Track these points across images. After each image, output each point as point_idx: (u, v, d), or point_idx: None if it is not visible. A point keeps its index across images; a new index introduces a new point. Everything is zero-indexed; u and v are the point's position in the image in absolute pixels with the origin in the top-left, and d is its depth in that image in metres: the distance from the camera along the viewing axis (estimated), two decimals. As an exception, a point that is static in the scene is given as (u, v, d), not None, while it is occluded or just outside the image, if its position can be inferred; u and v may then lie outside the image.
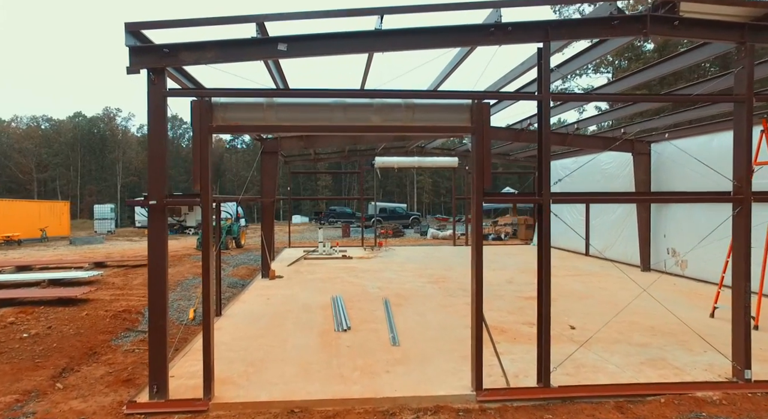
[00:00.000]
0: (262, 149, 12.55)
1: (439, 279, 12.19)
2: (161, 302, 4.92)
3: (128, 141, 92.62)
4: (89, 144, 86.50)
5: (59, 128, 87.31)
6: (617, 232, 15.00)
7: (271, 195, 12.55)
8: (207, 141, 4.85)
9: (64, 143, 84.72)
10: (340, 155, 20.69)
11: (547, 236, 5.27)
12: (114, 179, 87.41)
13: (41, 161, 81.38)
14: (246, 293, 10.59)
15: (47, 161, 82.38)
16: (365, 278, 12.45)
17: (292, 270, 13.84)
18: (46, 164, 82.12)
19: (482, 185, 5.12)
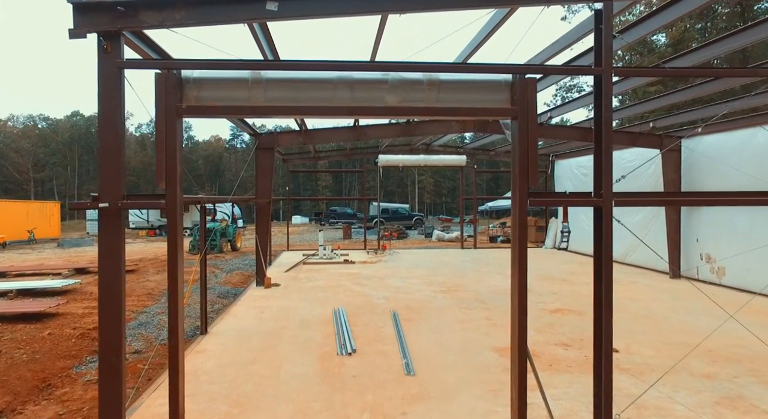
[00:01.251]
0: (256, 144, 11.46)
1: (451, 288, 11.09)
2: (115, 332, 3.82)
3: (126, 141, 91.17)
4: (87, 143, 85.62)
5: (56, 128, 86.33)
6: (641, 235, 13.89)
7: (266, 195, 11.46)
8: (175, 127, 3.76)
9: (61, 142, 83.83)
10: (342, 153, 19.59)
11: (608, 249, 4.15)
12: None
13: (38, 160, 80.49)
14: (238, 304, 9.49)
15: (44, 160, 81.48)
16: (370, 286, 11.36)
17: (289, 277, 12.74)
18: (43, 164, 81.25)
19: (527, 184, 4.03)
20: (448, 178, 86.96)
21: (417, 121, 11.59)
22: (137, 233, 32.04)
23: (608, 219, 4.07)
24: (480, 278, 12.39)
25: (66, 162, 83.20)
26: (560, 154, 19.41)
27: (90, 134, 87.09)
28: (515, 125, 4.08)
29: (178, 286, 3.84)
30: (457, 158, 18.81)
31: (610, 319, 4.09)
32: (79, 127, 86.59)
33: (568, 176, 18.65)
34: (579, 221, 17.71)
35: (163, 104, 3.71)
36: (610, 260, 4.15)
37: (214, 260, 16.95)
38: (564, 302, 9.57)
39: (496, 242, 23.11)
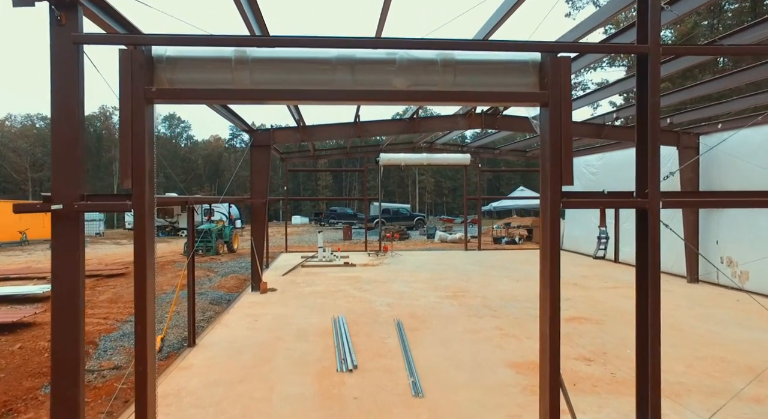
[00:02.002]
0: (251, 142, 10.85)
1: (457, 293, 10.48)
2: (71, 356, 3.21)
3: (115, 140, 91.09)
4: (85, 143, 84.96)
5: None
6: (655, 237, 13.27)
7: (262, 195, 10.85)
8: (143, 114, 3.15)
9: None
10: (342, 152, 18.98)
11: (655, 257, 3.54)
12: (111, 179, 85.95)
13: (36, 160, 79.96)
14: (230, 312, 8.88)
15: (42, 160, 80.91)
16: (372, 291, 10.75)
17: (287, 281, 12.13)
18: (41, 164, 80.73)
19: (560, 183, 3.43)
20: (448, 178, 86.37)
21: (421, 116, 10.99)
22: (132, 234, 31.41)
23: (655, 222, 3.45)
24: (487, 283, 11.78)
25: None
26: (567, 152, 18.78)
27: (88, 133, 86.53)
28: (545, 113, 3.47)
29: (146, 304, 3.22)
30: (461, 157, 18.20)
31: (657, 344, 3.47)
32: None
33: (575, 174, 17.98)
34: (586, 220, 17.09)
35: (129, 88, 3.10)
36: (657, 270, 3.53)
37: (209, 262, 16.35)
38: (579, 309, 8.96)
39: (500, 244, 22.51)
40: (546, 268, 3.49)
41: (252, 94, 3.38)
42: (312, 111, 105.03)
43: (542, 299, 3.56)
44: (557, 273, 3.46)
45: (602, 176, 16.15)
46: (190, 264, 6.88)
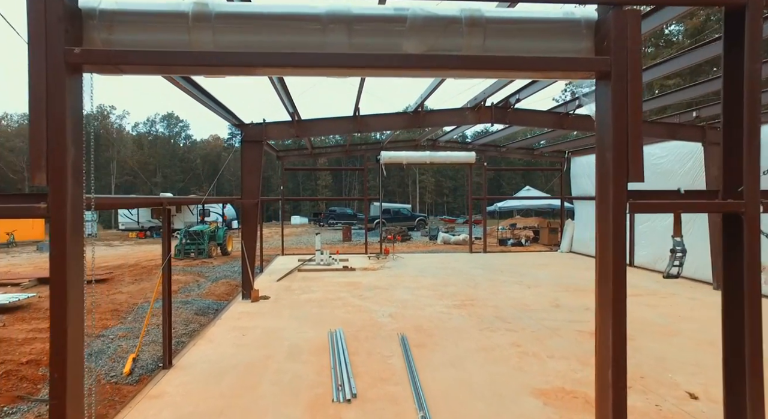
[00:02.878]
0: (241, 137, 10.01)
1: (465, 302, 9.63)
2: None
3: (123, 139, 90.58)
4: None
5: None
6: (675, 239, 12.41)
7: (254, 195, 10.01)
8: (63, 85, 2.30)
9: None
10: (341, 150, 18.15)
11: (753, 274, 2.69)
12: (108, 179, 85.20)
13: (33, 160, 79.12)
14: (217, 324, 8.03)
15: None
16: (372, 299, 9.90)
17: (281, 287, 11.29)
18: (37, 163, 79.92)
19: (625, 178, 2.59)
20: (449, 177, 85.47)
21: (426, 110, 10.15)
22: (127, 235, 30.58)
23: (755, 230, 2.58)
24: (496, 289, 10.93)
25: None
26: (577, 150, 17.96)
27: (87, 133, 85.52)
28: (604, 87, 2.62)
29: (65, 342, 2.38)
30: (466, 155, 17.37)
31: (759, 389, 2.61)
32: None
33: (587, 173, 17.19)
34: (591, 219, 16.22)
35: (42, 49, 2.25)
36: (756, 293, 2.67)
37: (200, 266, 15.49)
38: (602, 321, 8.09)
39: (506, 246, 21.65)
40: (607, 294, 2.64)
41: (215, 59, 2.52)
42: (307, 104, 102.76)
43: (601, 336, 2.71)
44: (622, 303, 2.61)
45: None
46: (165, 271, 6.05)
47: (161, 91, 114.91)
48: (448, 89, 10.18)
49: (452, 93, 9.85)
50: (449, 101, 10.94)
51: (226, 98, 8.83)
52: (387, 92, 11.08)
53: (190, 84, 7.43)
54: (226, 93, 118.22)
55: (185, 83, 7.16)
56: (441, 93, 10.01)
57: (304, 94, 9.17)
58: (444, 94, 10.06)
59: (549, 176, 73.26)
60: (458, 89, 11.15)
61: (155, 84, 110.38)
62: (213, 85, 76.12)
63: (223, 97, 8.69)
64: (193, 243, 17.48)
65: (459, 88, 10.69)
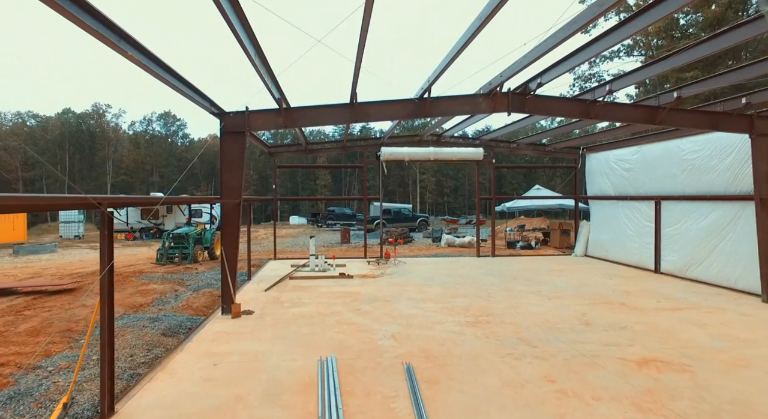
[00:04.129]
0: (221, 127, 8.68)
1: (480, 318, 8.31)
2: None
3: (119, 138, 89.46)
4: (78, 142, 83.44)
5: (46, 125, 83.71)
6: (711, 244, 11.11)
7: (235, 194, 8.68)
8: None
9: (51, 140, 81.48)
10: (338, 145, 16.82)
11: None
12: (104, 178, 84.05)
13: (27, 159, 78.16)
14: (186, 348, 6.70)
15: (34, 159, 79.12)
16: (372, 314, 8.57)
17: (269, 299, 9.96)
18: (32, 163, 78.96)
19: None
20: (450, 177, 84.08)
21: (433, 97, 8.80)
22: (115, 237, 29.18)
23: None
24: (513, 302, 9.61)
25: (56, 161, 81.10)
26: (592, 146, 16.64)
27: (81, 131, 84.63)
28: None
29: None
30: (473, 151, 16.05)
31: None
32: (70, 124, 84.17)
33: (603, 171, 15.86)
34: (615, 222, 14.92)
35: None
36: None
37: (183, 273, 14.12)
38: (646, 344, 6.78)
39: (515, 249, 20.31)
40: None
41: None
42: (298, 90, 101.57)
43: None
44: None
45: (639, 171, 13.96)
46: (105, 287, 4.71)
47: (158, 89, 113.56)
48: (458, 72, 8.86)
49: (462, 76, 8.52)
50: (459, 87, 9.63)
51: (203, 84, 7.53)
52: (390, 74, 9.67)
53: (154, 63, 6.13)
54: (205, 78, 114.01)
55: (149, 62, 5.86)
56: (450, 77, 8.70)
57: (291, 72, 7.99)
58: (452, 79, 8.74)
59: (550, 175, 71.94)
60: (469, 70, 9.95)
61: (151, 82, 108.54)
62: (187, 68, 71.48)
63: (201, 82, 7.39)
64: (177, 247, 16.13)
65: (470, 68, 9.53)
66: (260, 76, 7.12)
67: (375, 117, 9.00)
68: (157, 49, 5.98)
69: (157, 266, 15.41)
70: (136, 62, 5.53)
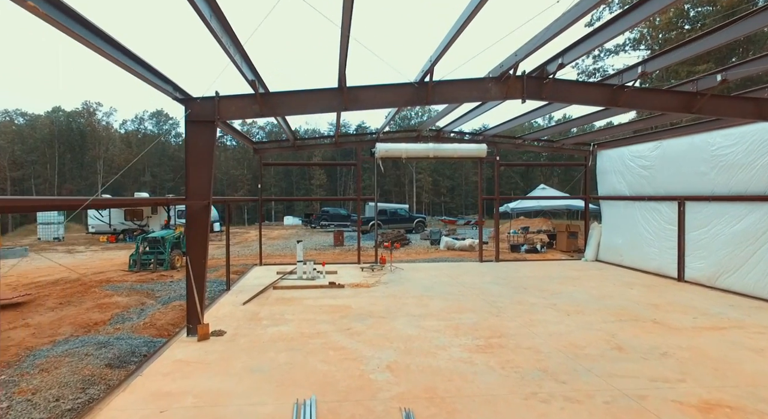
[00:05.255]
0: (186, 115, 7.36)
1: (491, 340, 7.02)
2: None
3: (111, 137, 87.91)
4: (68, 140, 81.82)
5: (35, 124, 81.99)
6: (747, 250, 9.87)
7: (202, 194, 7.37)
8: None
9: (39, 139, 79.80)
10: (330, 141, 15.52)
11: None
12: (95, 178, 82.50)
13: (15, 158, 76.56)
14: (130, 387, 5.37)
15: (22, 158, 77.52)
16: (364, 336, 7.27)
17: (246, 315, 8.65)
18: (20, 162, 77.34)
19: None
20: (447, 177, 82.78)
21: (436, 81, 7.51)
22: (97, 239, 27.80)
23: None
24: (527, 318, 8.34)
25: (45, 160, 79.59)
26: (604, 142, 15.40)
27: (71, 130, 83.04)
28: None
29: None
30: (476, 148, 14.75)
31: None
32: (59, 123, 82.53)
33: (617, 169, 14.61)
34: (631, 224, 13.68)
35: None
36: None
37: (156, 282, 12.75)
38: (699, 379, 5.50)
39: (519, 252, 19.04)
40: None
41: None
42: (275, 69, 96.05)
43: None
44: None
45: (657, 171, 12.72)
46: None
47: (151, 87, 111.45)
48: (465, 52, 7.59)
49: (471, 54, 7.20)
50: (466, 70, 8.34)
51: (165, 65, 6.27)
52: (389, 56, 8.36)
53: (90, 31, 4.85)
54: (171, 60, 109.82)
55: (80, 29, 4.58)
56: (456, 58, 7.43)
57: (272, 55, 6.81)
58: (458, 61, 7.46)
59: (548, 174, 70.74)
60: (477, 47, 8.72)
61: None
62: (147, 47, 68.21)
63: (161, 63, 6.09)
64: (152, 252, 14.78)
65: (478, 44, 8.21)
66: (224, 50, 5.80)
67: (367, 104, 7.69)
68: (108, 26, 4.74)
69: (128, 273, 14.05)
70: (53, 23, 4.21)
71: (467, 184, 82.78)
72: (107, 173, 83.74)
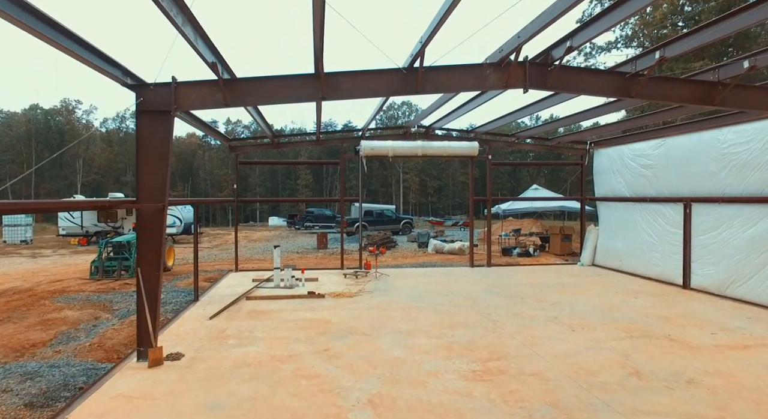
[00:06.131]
0: (137, 103, 6.33)
1: (489, 363, 6.09)
2: None
3: (91, 136, 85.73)
4: (46, 139, 79.60)
5: (11, 122, 79.67)
6: (764, 256, 9.08)
7: (156, 195, 6.35)
8: None
9: (16, 137, 77.54)
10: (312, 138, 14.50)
11: None
12: (74, 177, 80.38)
13: (-10, 156, 74.31)
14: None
15: (-1, 157, 75.23)
16: (344, 360, 6.30)
17: (211, 332, 7.62)
18: (-3, 162, 75.06)
19: None
20: (434, 177, 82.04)
21: (427, 67, 6.56)
22: (68, 242, 26.42)
23: None
24: (528, 334, 7.44)
25: (22, 159, 77.33)
26: (601, 140, 14.61)
27: (50, 128, 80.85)
28: None
29: None
30: (468, 146, 13.88)
31: None
32: (37, 121, 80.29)
33: (616, 169, 13.81)
34: (631, 226, 12.89)
35: None
36: None
37: (117, 291, 11.61)
38: (741, 416, 4.62)
39: (511, 256, 18.19)
40: None
41: None
42: (245, 55, 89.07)
43: None
44: None
45: (661, 171, 11.93)
46: None
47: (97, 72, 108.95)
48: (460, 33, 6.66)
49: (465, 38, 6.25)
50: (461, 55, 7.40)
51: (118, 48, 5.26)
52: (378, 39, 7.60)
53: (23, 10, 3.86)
54: (120, 41, 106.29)
55: None
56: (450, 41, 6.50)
57: (243, 40, 5.94)
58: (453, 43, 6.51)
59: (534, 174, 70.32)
60: (472, 27, 7.79)
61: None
62: (92, 28, 65.75)
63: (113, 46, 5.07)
64: (117, 258, 13.63)
65: (475, 27, 7.31)
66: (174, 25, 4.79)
67: (349, 92, 6.72)
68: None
69: (89, 281, 12.89)
70: None
71: (455, 184, 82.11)
72: (87, 172, 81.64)
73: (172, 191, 48.03)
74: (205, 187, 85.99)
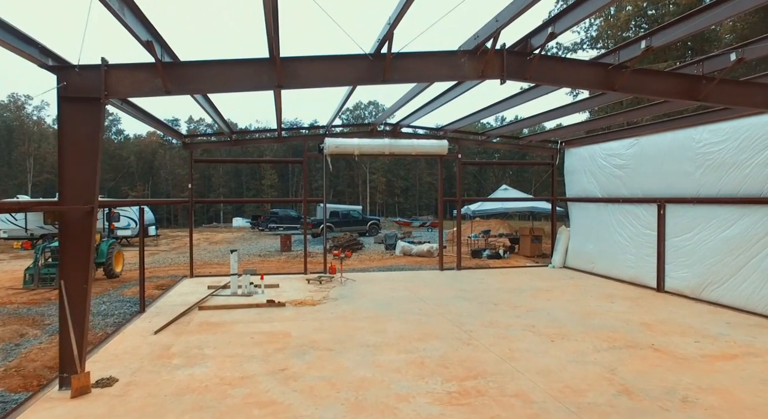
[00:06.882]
0: (59, 88, 5.43)
1: (466, 383, 5.48)
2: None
3: (43, 133, 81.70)
4: (0, 135, 75.51)
5: (-48, 117, 75.11)
6: (739, 259, 8.82)
7: (83, 196, 5.47)
8: None
9: (-42, 133, 73.16)
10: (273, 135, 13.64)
11: None
12: (24, 176, 76.45)
13: (-71, 155, 69.84)
14: None
15: (-63, 155, 70.81)
16: (303, 383, 5.56)
17: (154, 350, 6.76)
18: (-64, 159, 70.64)
19: None
20: (401, 177, 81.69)
21: (396, 53, 5.90)
22: (10, 245, 24.59)
23: None
24: (506, 346, 6.87)
25: (-34, 157, 72.97)
26: (572, 140, 14.31)
27: (4, 124, 76.63)
28: None
29: None
30: (437, 144, 13.33)
31: None
32: (-19, 117, 75.88)
33: (588, 168, 13.52)
34: (604, 228, 12.60)
35: None
36: None
37: (50, 304, 10.45)
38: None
39: (480, 258, 17.75)
40: None
41: None
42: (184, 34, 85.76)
43: None
44: None
45: (634, 170, 11.66)
46: None
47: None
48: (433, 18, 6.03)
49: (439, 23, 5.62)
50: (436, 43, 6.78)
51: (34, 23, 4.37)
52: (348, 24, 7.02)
53: None
54: (43, 19, 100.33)
55: None
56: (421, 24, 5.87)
57: None
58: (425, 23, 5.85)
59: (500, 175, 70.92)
60: (449, 18, 7.04)
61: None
62: None
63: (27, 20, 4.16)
64: (56, 264, 12.45)
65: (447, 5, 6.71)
66: None
67: (308, 81, 5.99)
68: None
69: (22, 291, 11.68)
70: None
71: (422, 184, 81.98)
72: (39, 171, 77.74)
73: (131, 192, 45.68)
74: (166, 187, 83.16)
